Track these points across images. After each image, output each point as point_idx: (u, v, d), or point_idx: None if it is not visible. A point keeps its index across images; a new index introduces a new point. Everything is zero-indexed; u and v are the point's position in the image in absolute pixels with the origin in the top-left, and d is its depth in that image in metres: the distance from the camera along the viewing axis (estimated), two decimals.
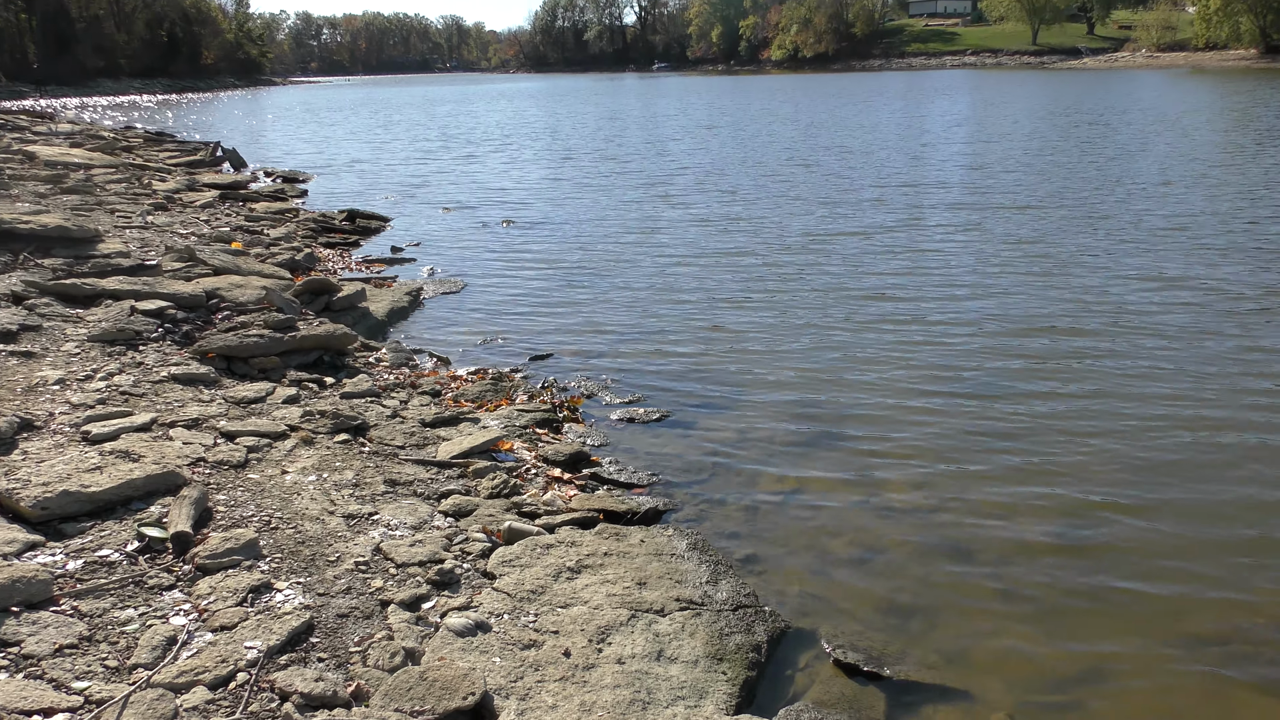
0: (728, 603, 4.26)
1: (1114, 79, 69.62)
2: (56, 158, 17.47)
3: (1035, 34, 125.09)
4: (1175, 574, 4.66)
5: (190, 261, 9.43)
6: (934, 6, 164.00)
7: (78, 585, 3.72)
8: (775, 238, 13.15)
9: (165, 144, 27.86)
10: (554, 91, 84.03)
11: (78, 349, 6.57)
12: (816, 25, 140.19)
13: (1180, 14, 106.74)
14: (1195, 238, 12.23)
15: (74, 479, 4.40)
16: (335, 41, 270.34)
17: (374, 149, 29.87)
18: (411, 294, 10.18)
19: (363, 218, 15.31)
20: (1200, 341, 8.10)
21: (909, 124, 33.27)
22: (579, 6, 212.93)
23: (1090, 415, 6.58)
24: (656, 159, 24.09)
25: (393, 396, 6.82)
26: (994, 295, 9.76)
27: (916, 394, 7.08)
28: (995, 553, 4.88)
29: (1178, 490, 5.49)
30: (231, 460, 5.07)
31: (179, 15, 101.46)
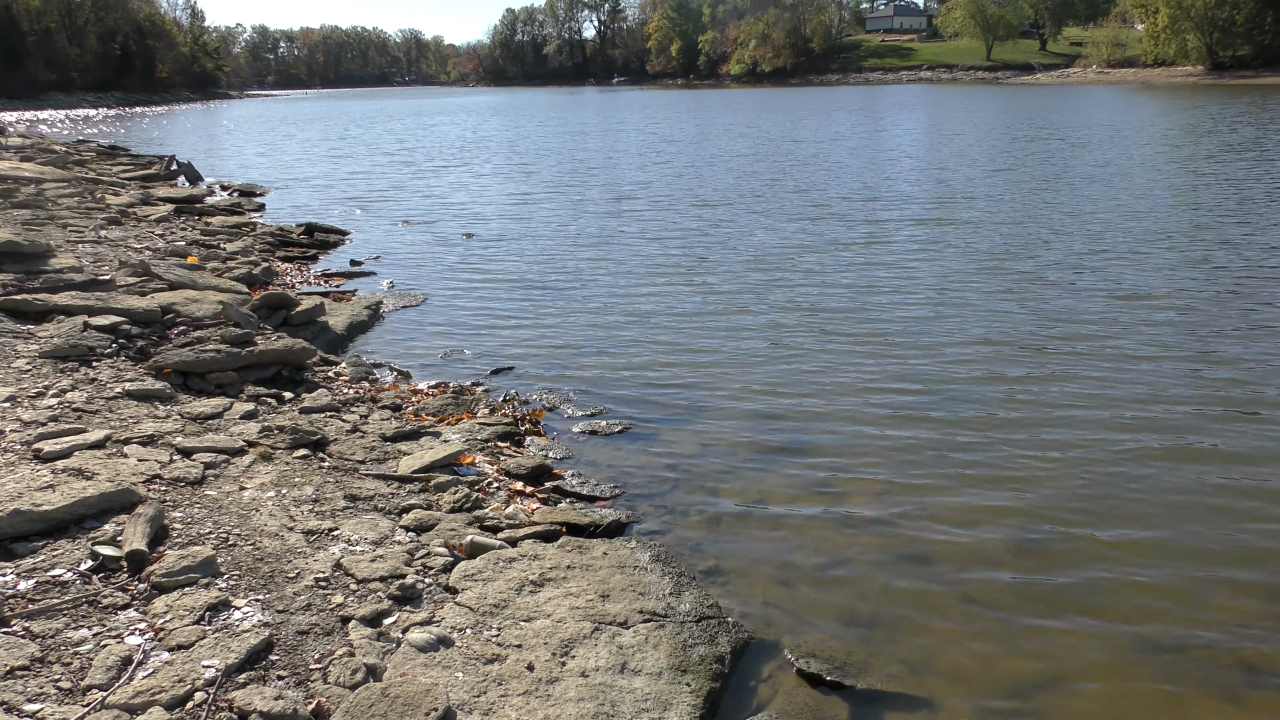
0: (691, 614, 4.27)
1: (1066, 94, 70.90)
2: (7, 172, 17.17)
3: (989, 50, 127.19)
4: (1133, 583, 4.73)
5: (145, 276, 9.30)
6: (890, 23, 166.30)
7: (29, 606, 3.65)
8: (736, 252, 13.22)
9: (119, 158, 27.49)
10: (513, 105, 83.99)
11: (29, 366, 6.45)
12: (775, 40, 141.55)
13: (1129, 31, 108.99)
14: (1156, 253, 12.41)
15: (25, 498, 4.31)
16: (293, 55, 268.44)
17: (332, 163, 29.66)
18: (371, 308, 10.11)
19: (321, 231, 15.19)
20: (1159, 355, 8.24)
21: (869, 138, 33.62)
22: (538, 20, 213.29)
23: (1049, 426, 6.67)
24: (617, 173, 24.14)
25: (353, 411, 6.76)
26: (954, 309, 9.88)
27: (877, 406, 7.14)
28: (956, 562, 4.92)
29: (1136, 501, 5.57)
30: (188, 477, 5.00)
31: (133, 29, 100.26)
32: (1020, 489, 5.70)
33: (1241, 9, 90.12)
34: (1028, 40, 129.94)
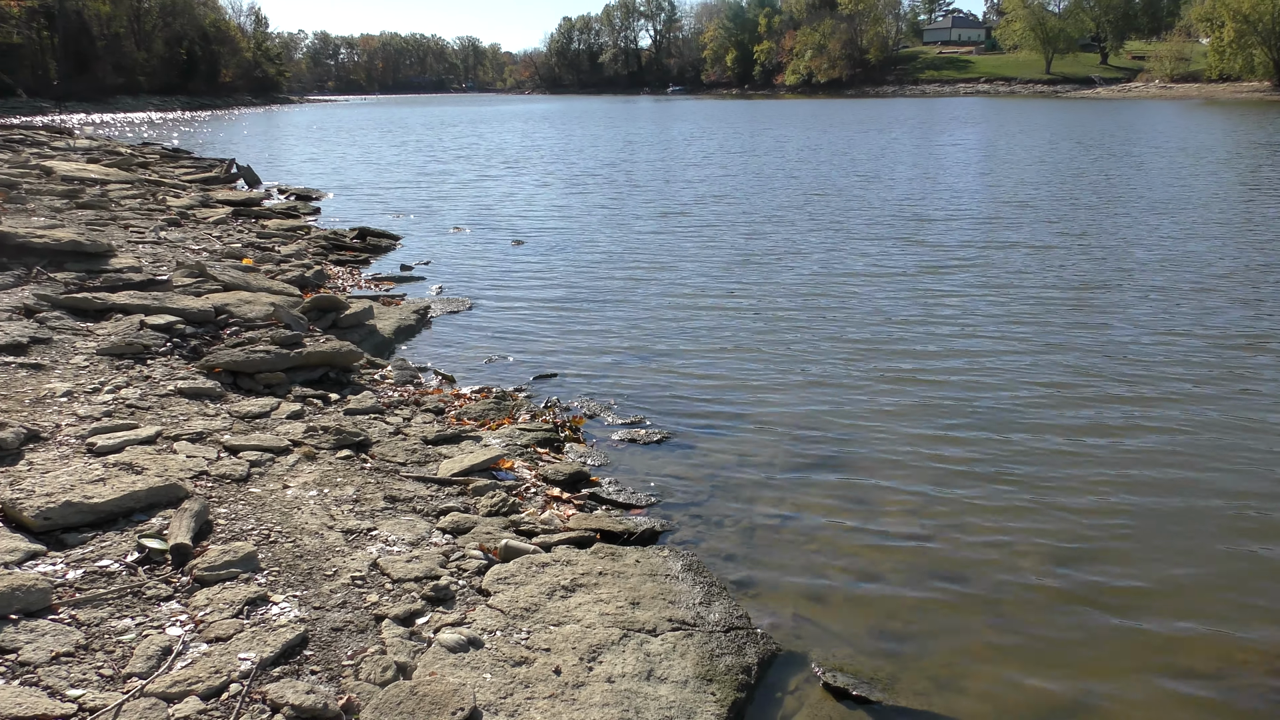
0: (720, 624, 4.29)
1: (1128, 108, 69.71)
2: (73, 173, 17.67)
3: (1049, 63, 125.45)
4: (1169, 608, 4.66)
5: (201, 277, 9.53)
6: (948, 34, 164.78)
7: (77, 594, 3.77)
8: (783, 269, 13.21)
9: (181, 160, 28.13)
10: (568, 113, 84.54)
11: (86, 362, 6.65)
12: (831, 51, 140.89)
13: (1194, 45, 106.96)
14: (1218, 285, 11.99)
15: (77, 490, 4.46)
16: (352, 61, 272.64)
17: (387, 168, 30.09)
18: (419, 312, 10.26)
19: (373, 236, 15.43)
20: (1207, 384, 8.11)
21: (926, 155, 33.37)
22: (594, 29, 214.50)
23: (1090, 450, 6.59)
24: (669, 185, 24.20)
25: (396, 413, 6.88)
26: (998, 331, 9.79)
27: (918, 423, 7.10)
28: (989, 581, 4.89)
29: (1177, 527, 5.49)
30: (234, 474, 5.13)
31: (198, 34, 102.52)
32: (1058, 510, 5.65)
33: None
34: (1088, 53, 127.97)
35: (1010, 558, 5.11)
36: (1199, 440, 6.66)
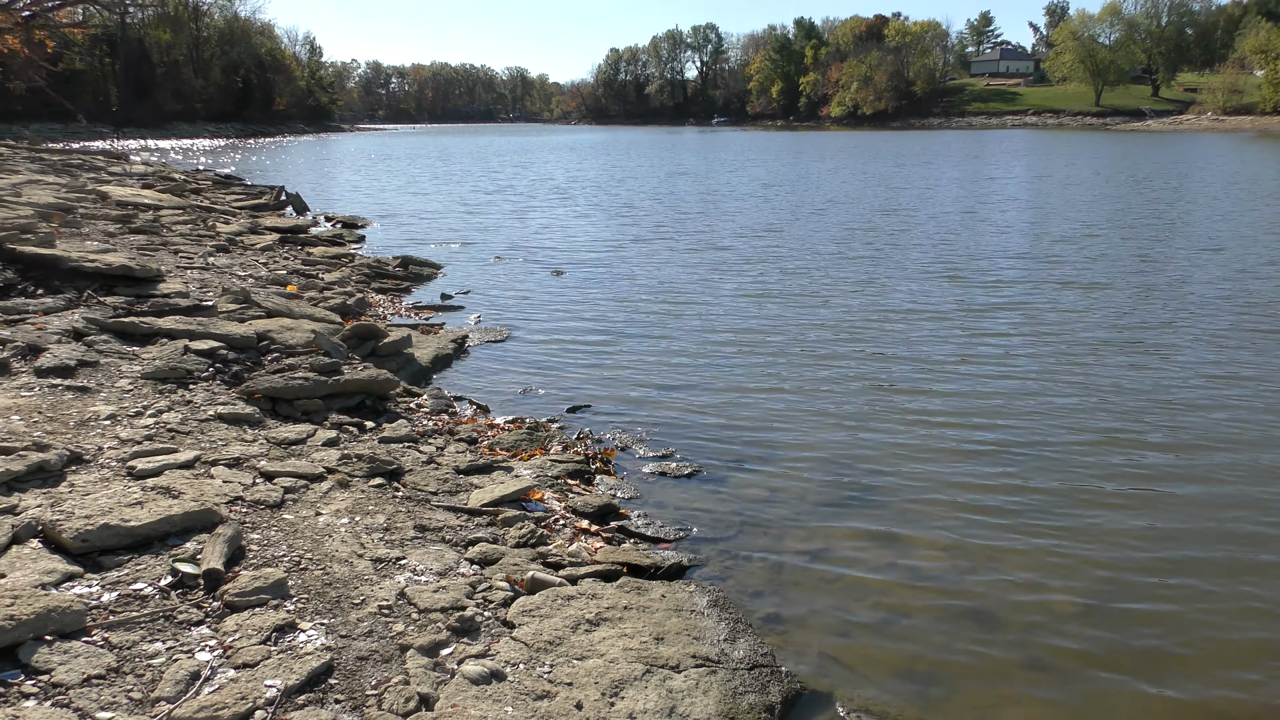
0: (744, 661, 4.28)
1: (1179, 141, 68.85)
2: (128, 198, 18.11)
3: (1098, 95, 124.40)
4: (1206, 657, 4.58)
5: (245, 303, 9.71)
6: (996, 66, 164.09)
7: (110, 617, 3.85)
8: (822, 302, 13.20)
9: (233, 187, 28.71)
10: (613, 144, 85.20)
11: (131, 386, 6.80)
12: (877, 83, 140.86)
13: (1248, 77, 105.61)
14: (1271, 327, 11.61)
15: (115, 513, 4.56)
16: (403, 90, 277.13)
17: (433, 197, 30.50)
18: (457, 341, 10.37)
19: (415, 264, 15.63)
20: (1256, 433, 7.97)
21: (970, 187, 33.21)
22: (641, 60, 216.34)
23: (1130, 498, 6.49)
24: (711, 219, 24.23)
25: (430, 442, 6.95)
26: (1039, 371, 9.69)
27: (951, 464, 7.04)
28: (1021, 624, 4.83)
29: (1214, 572, 5.39)
30: (268, 500, 5.21)
31: (255, 63, 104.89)
32: (1093, 554, 5.57)
33: None
34: (1139, 85, 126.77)
35: (1043, 604, 5.03)
36: (1246, 494, 6.52)
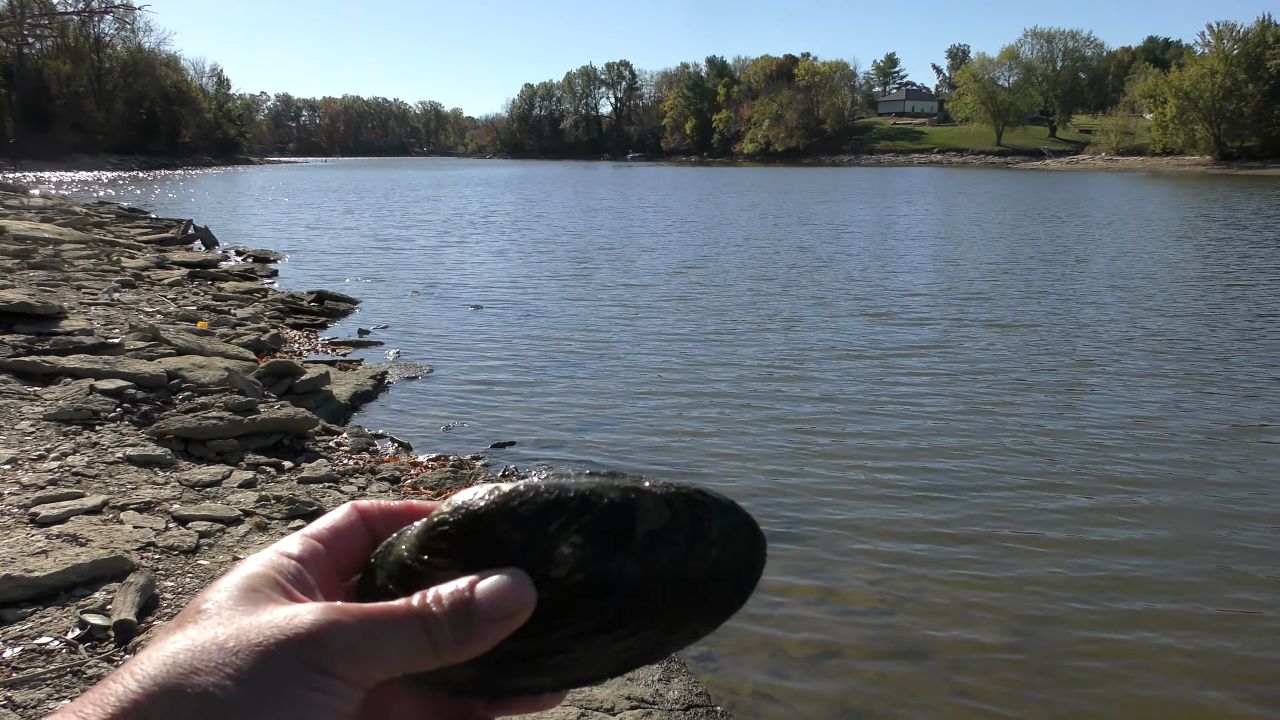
0: (679, 702, 4.22)
1: (1076, 180, 71.69)
2: (26, 232, 17.46)
3: (999, 135, 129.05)
4: (1132, 680, 4.67)
5: (154, 341, 9.40)
6: (902, 106, 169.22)
7: (13, 674, 3.63)
8: (743, 340, 13.32)
9: (138, 221, 27.93)
10: (529, 179, 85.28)
11: (33, 428, 6.49)
12: (788, 121, 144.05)
13: (1138, 120, 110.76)
14: (1180, 356, 12.21)
15: (18, 563, 4.32)
16: (314, 123, 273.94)
17: (346, 231, 30.07)
18: (376, 378, 10.18)
19: (331, 299, 15.35)
20: (1170, 457, 8.23)
21: (884, 226, 34.01)
22: (556, 96, 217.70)
23: (1050, 524, 6.64)
24: (628, 253, 24.40)
25: (351, 482, 6.77)
26: (954, 407, 9.90)
27: (874, 497, 7.12)
28: (950, 656, 4.87)
29: (1135, 606, 5.52)
30: (182, 545, 5.00)
31: (159, 95, 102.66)
32: (1018, 579, 5.66)
33: (1249, 101, 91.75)
34: (1037, 126, 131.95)
35: (972, 632, 5.09)
36: (1164, 533, 6.72)
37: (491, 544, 0.58)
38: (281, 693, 0.49)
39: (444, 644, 0.54)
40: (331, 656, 0.51)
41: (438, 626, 0.54)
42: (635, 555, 0.59)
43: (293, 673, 0.50)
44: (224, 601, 0.54)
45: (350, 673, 0.51)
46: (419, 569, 0.60)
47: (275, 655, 0.50)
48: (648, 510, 0.61)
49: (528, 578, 0.57)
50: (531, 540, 0.58)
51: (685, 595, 0.61)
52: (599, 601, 0.58)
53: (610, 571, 0.58)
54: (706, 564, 0.62)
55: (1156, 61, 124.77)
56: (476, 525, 0.59)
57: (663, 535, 0.60)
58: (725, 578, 0.64)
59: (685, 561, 0.61)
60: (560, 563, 0.58)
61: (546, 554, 0.58)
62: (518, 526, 0.58)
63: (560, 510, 0.59)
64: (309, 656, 0.51)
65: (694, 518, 0.63)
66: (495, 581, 0.56)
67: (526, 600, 0.56)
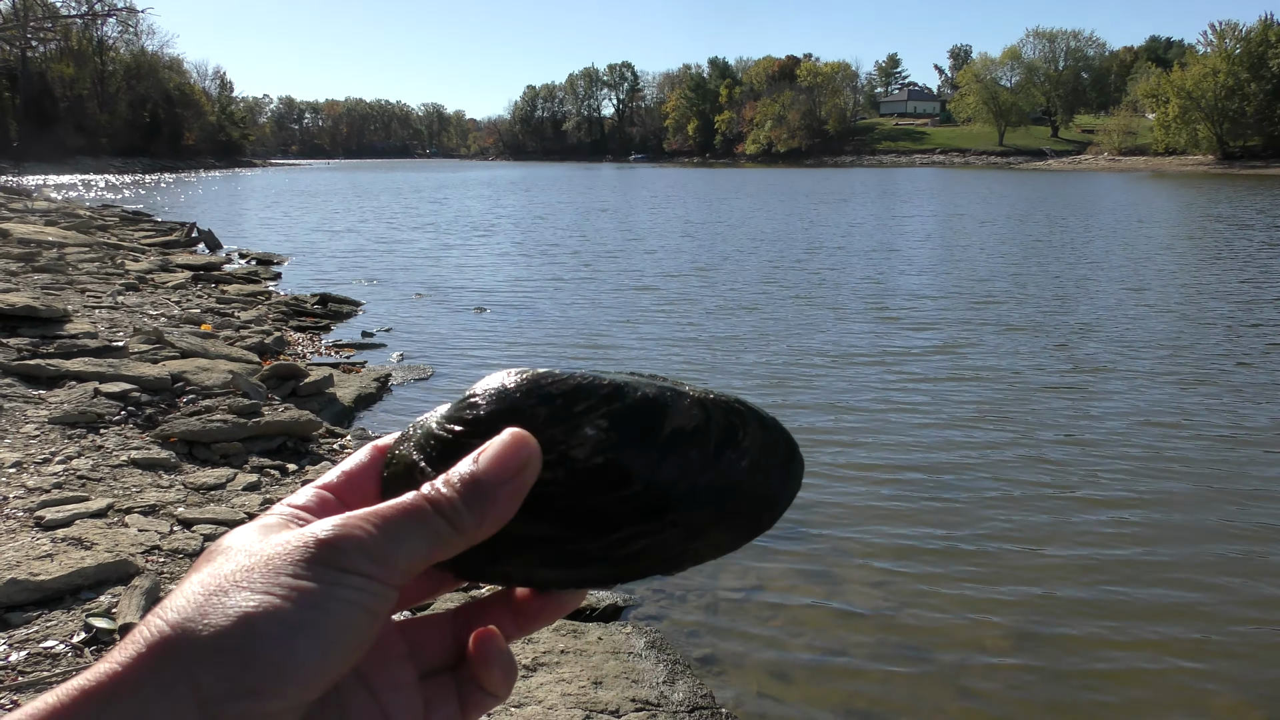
0: (684, 704, 4.22)
1: (1079, 180, 71.61)
2: (30, 235, 17.49)
3: (1001, 135, 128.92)
4: (1137, 679, 4.67)
5: (158, 344, 9.41)
6: (904, 106, 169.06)
7: (19, 678, 3.64)
8: (751, 339, 13.32)
9: (141, 224, 27.97)
10: (531, 180, 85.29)
11: (38, 431, 6.51)
12: (790, 122, 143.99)
13: (1140, 120, 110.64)
14: (1193, 361, 12.12)
15: (23, 566, 4.33)
16: (317, 126, 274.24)
17: (349, 234, 30.09)
18: (380, 380, 10.18)
19: (335, 302, 15.35)
20: (1168, 448, 8.22)
21: (893, 229, 33.98)
22: (558, 97, 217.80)
23: (1056, 523, 6.63)
24: (634, 257, 24.39)
25: None
26: (960, 404, 9.90)
27: (879, 495, 7.12)
28: (955, 655, 4.87)
29: (1143, 604, 5.51)
30: (187, 549, 5.01)
31: (162, 97, 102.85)
32: (1022, 582, 5.65)
33: (1252, 101, 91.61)
34: (1040, 126, 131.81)
35: (977, 631, 5.09)
36: (1166, 517, 6.72)
37: (517, 418, 0.58)
38: (308, 595, 0.49)
39: (463, 522, 0.54)
40: (348, 555, 0.51)
41: (452, 507, 0.54)
42: (660, 450, 0.58)
43: (315, 575, 0.50)
44: (237, 541, 0.54)
45: (375, 570, 0.51)
46: (446, 436, 0.60)
47: (295, 562, 0.50)
48: (681, 409, 0.60)
49: (526, 433, 0.56)
50: (556, 416, 0.58)
51: (709, 502, 0.60)
52: (617, 492, 0.58)
53: (632, 461, 0.58)
54: (736, 474, 0.61)
55: (1159, 61, 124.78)
56: (504, 398, 0.59)
57: (692, 436, 0.60)
58: (755, 493, 0.63)
59: (712, 467, 0.60)
60: (581, 443, 0.57)
61: (569, 432, 0.58)
62: (544, 403, 0.58)
63: (590, 394, 0.59)
64: (328, 559, 0.50)
65: (729, 425, 0.62)
66: (494, 443, 0.56)
67: (529, 453, 0.55)
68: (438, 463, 0.59)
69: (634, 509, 0.58)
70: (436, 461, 0.59)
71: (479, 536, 0.55)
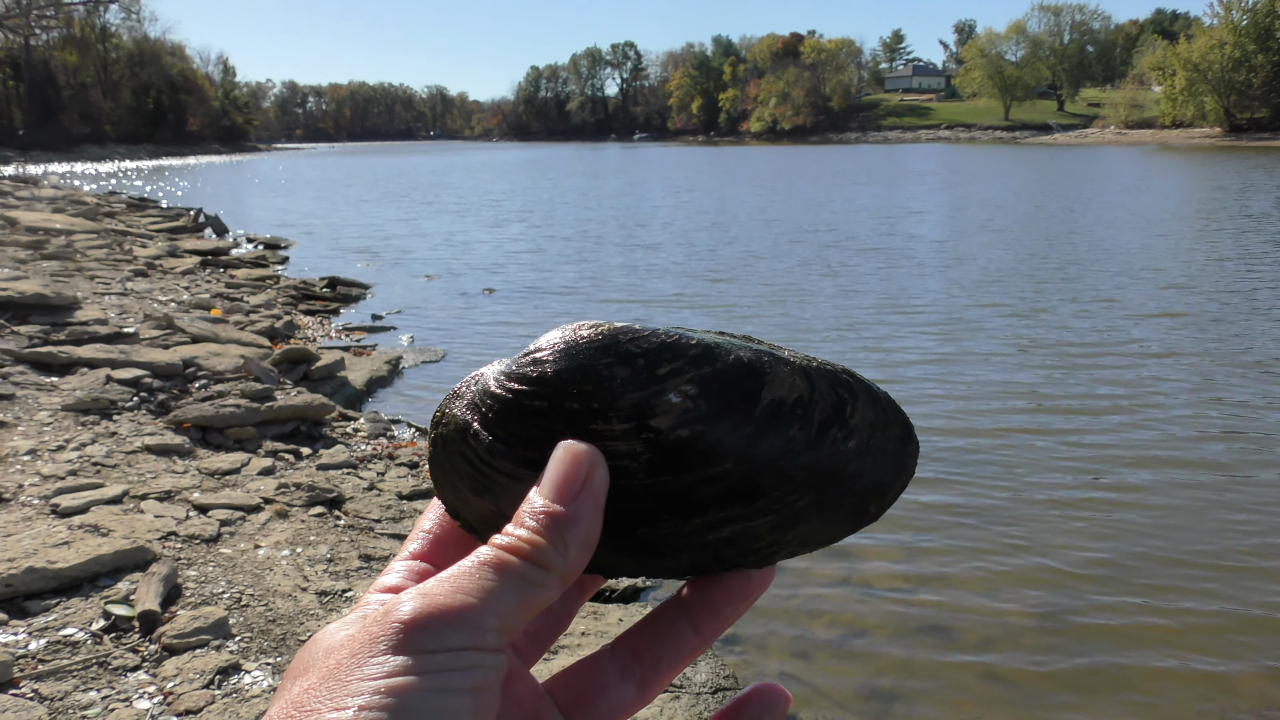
0: (706, 685, 4.19)
1: (1087, 154, 71.16)
2: (38, 223, 17.46)
3: (1007, 110, 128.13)
4: (1159, 656, 4.62)
5: (168, 329, 9.38)
6: (909, 82, 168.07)
7: (39, 666, 3.62)
8: (766, 318, 13.26)
9: (148, 210, 27.93)
10: (537, 161, 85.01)
11: (51, 418, 6.48)
12: (795, 99, 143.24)
13: (1147, 93, 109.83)
14: (1219, 337, 12.09)
15: (41, 554, 4.31)
16: (320, 109, 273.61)
17: (356, 216, 30.03)
18: (391, 363, 10.15)
19: (343, 285, 15.32)
20: (1192, 421, 8.16)
21: (896, 208, 33.82)
22: (561, 78, 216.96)
23: (1076, 495, 6.58)
24: (639, 238, 24.30)
25: (370, 468, 6.75)
26: (977, 375, 9.83)
27: None
28: (977, 635, 4.83)
29: (1167, 574, 5.47)
30: (203, 534, 4.98)
31: (165, 83, 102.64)
32: (1045, 558, 5.61)
33: (1259, 73, 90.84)
34: (1045, 100, 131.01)
35: (999, 609, 5.05)
36: (1190, 491, 6.66)
37: (588, 376, 0.51)
38: (400, 695, 0.44)
39: (551, 559, 0.48)
40: (434, 635, 0.45)
41: (534, 548, 0.48)
42: (755, 424, 0.51)
43: (404, 668, 0.44)
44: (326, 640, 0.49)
45: (466, 641, 0.46)
46: (505, 396, 0.53)
47: (379, 658, 0.45)
48: (780, 377, 0.53)
49: (575, 442, 0.50)
50: (635, 379, 0.51)
51: (809, 487, 0.53)
52: (703, 470, 0.51)
53: (720, 436, 0.51)
54: (841, 457, 0.54)
55: (1164, 33, 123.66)
56: (575, 354, 0.52)
57: (793, 409, 0.53)
58: (862, 479, 0.55)
59: (815, 447, 0.53)
60: (664, 411, 0.51)
61: (650, 398, 0.51)
62: (622, 362, 0.51)
63: (676, 355, 0.52)
64: (413, 644, 0.45)
65: (836, 400, 0.54)
66: (551, 466, 0.50)
67: (589, 458, 0.50)
68: (494, 425, 0.53)
69: (721, 491, 0.51)
70: (493, 424, 0.53)
71: (577, 567, 0.49)
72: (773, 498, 0.52)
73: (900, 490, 0.58)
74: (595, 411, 0.51)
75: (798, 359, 0.56)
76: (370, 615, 0.48)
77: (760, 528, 0.53)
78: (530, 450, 0.53)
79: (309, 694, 0.45)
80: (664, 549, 0.53)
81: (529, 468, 0.53)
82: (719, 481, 0.51)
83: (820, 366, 0.56)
